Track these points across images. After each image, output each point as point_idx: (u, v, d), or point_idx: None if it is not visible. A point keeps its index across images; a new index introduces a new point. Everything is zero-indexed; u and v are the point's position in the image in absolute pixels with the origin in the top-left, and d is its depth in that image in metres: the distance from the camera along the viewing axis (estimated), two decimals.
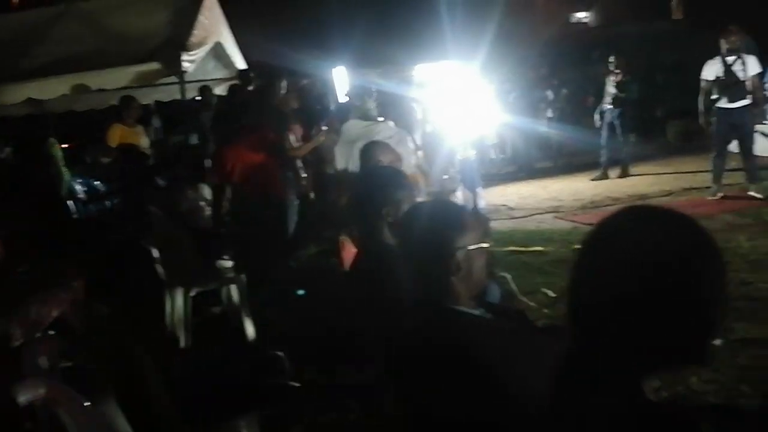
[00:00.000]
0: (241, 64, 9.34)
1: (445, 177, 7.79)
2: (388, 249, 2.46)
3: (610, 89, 10.02)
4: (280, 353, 3.06)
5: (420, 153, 9.24)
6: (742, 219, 6.79)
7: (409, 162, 5.99)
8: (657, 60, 15.00)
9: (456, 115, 8.80)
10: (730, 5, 17.34)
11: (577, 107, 12.79)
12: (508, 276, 5.32)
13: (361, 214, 2.76)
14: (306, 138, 6.77)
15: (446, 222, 2.01)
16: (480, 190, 8.19)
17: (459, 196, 8.40)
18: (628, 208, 1.30)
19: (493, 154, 12.48)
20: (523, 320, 2.37)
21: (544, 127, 11.84)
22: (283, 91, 6.70)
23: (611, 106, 10.00)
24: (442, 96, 9.79)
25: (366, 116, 5.82)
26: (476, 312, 2.05)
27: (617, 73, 9.97)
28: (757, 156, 7.96)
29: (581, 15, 29.63)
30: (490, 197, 9.11)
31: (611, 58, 10.10)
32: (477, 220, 4.31)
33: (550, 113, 12.20)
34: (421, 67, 15.59)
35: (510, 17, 21.24)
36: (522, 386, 1.71)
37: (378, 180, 2.79)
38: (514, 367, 1.81)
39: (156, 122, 9.92)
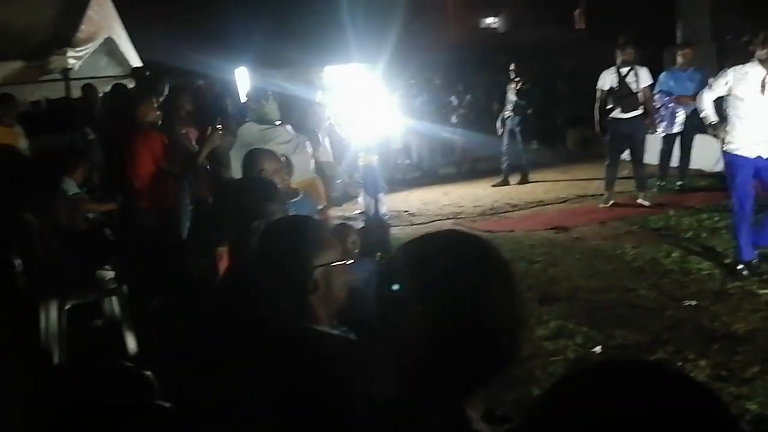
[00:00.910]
0: (136, 61, 8.99)
1: (340, 182, 7.76)
2: (253, 263, 2.35)
3: (511, 97, 10.21)
4: (147, 372, 2.89)
5: (329, 157, 9.22)
6: (629, 226, 7.03)
7: (308, 168, 5.90)
8: (559, 68, 15.45)
9: (360, 120, 8.76)
10: (629, 17, 18.12)
11: (482, 113, 12.99)
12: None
13: (230, 226, 2.64)
14: (201, 141, 6.55)
15: (302, 240, 1.93)
16: (382, 196, 8.17)
17: (360, 202, 8.38)
18: (428, 235, 1.30)
19: (398, 159, 12.51)
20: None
21: (448, 133, 11.96)
22: (165, 93, 6.45)
23: (512, 114, 10.18)
24: (348, 100, 9.75)
25: (263, 120, 5.67)
26: (335, 331, 1.98)
27: (518, 81, 10.16)
28: (647, 165, 8.28)
29: (490, 20, 30.28)
30: (393, 203, 9.12)
31: (512, 66, 10.29)
32: (342, 234, 4.25)
33: (454, 119, 12.32)
34: (328, 69, 15.51)
35: (418, 21, 21.49)
36: (375, 407, 1.65)
37: (249, 191, 2.68)
38: (369, 386, 1.75)
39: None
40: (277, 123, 5.66)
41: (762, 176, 5.08)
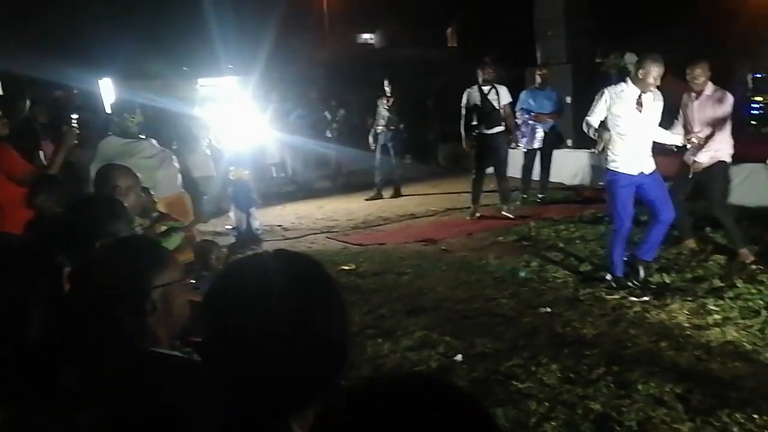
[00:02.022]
0: None
1: (206, 197, 7.61)
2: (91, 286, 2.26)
3: (383, 112, 10.41)
4: None
5: (208, 172, 9.00)
6: (494, 237, 7.32)
7: (174, 183, 5.74)
8: (432, 85, 15.87)
9: (233, 133, 8.64)
10: (497, 37, 18.93)
11: (357, 128, 13.14)
12: None
13: (71, 246, 2.52)
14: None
15: (139, 260, 1.88)
16: (254, 211, 8.09)
17: (231, 217, 8.25)
18: (255, 256, 1.32)
19: (272, 173, 12.43)
20: None
21: (323, 148, 12.02)
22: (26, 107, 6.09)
23: (384, 129, 10.37)
24: (221, 113, 9.59)
25: (125, 133, 5.46)
26: (176, 353, 1.94)
27: (390, 97, 10.37)
28: (510, 178, 8.66)
29: (366, 37, 30.71)
30: (267, 217, 9.05)
31: (385, 82, 10.49)
32: (205, 250, 4.19)
33: (328, 134, 12.40)
34: (201, 82, 15.18)
35: (295, 36, 21.47)
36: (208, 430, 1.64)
37: (92, 209, 2.57)
38: (204, 410, 1.72)
39: None
40: (142, 137, 5.48)
41: (643, 192, 5.16)
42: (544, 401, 3.52)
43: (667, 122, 5.59)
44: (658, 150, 5.39)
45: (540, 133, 8.98)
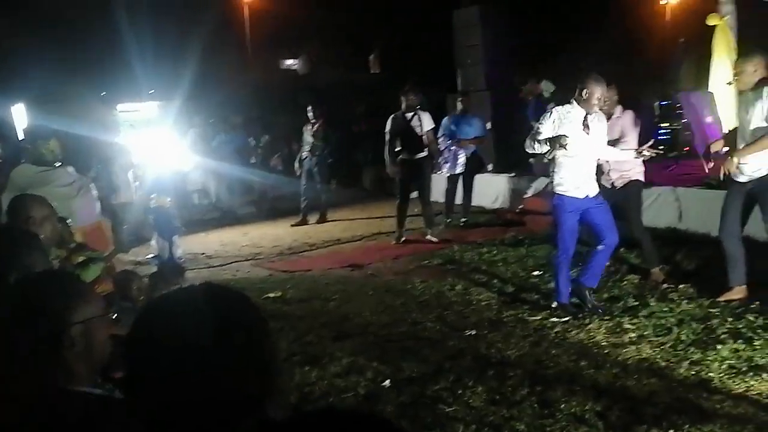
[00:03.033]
0: None
1: (126, 226, 7.42)
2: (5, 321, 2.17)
3: (308, 138, 10.42)
4: None
5: (129, 198, 8.75)
6: (419, 261, 7.41)
7: (93, 212, 5.57)
8: (356, 110, 16.04)
9: (154, 160, 8.47)
10: (419, 64, 19.30)
11: (282, 153, 13.11)
12: None
13: None
14: None
15: (56, 294, 1.82)
16: (177, 239, 7.92)
17: (153, 245, 8.05)
18: (182, 289, 1.32)
19: (196, 199, 12.22)
20: None
21: (247, 173, 11.92)
22: None
23: (309, 154, 10.38)
24: (141, 139, 9.39)
25: (40, 161, 5.28)
26: (96, 391, 1.88)
27: (314, 123, 10.40)
28: (434, 203, 8.80)
29: (290, 62, 30.73)
30: (190, 245, 8.87)
31: (309, 108, 10.51)
32: (126, 282, 4.09)
33: (252, 159, 12.31)
34: (121, 107, 14.83)
35: (218, 61, 21.29)
36: None
37: (4, 242, 2.48)
38: None
39: None
40: (57, 164, 5.31)
41: (589, 217, 5.12)
42: (471, 424, 3.57)
43: None
44: None
45: (462, 159, 9.18)
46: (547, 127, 5.07)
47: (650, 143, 5.32)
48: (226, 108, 14.84)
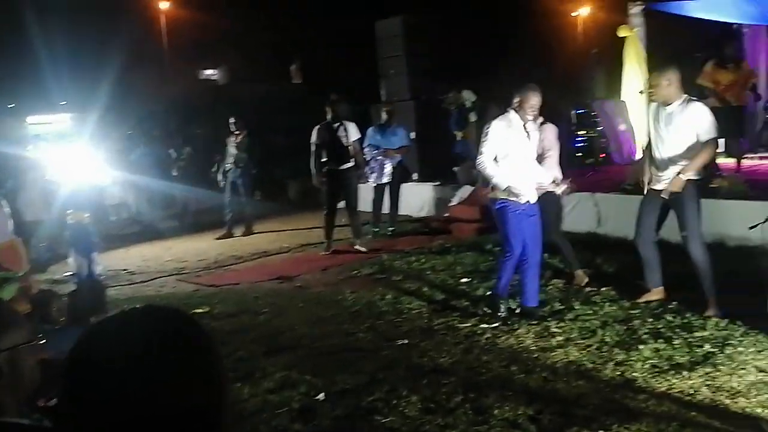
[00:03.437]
0: None
1: (43, 245, 7.13)
2: None
3: (232, 150, 10.26)
4: None
5: (39, 215, 8.38)
6: (349, 272, 7.41)
7: (5, 230, 5.31)
8: (279, 121, 15.90)
9: (70, 174, 8.15)
10: (342, 74, 19.36)
11: (204, 166, 12.84)
12: None
13: None
14: None
15: None
16: (95, 255, 7.63)
17: (71, 263, 7.74)
18: (122, 313, 1.28)
19: (115, 214, 11.83)
20: None
21: (169, 186, 11.62)
22: None
23: (233, 166, 10.22)
24: (56, 152, 9.03)
25: None
26: (24, 421, 1.79)
27: (238, 134, 10.26)
28: (361, 213, 8.83)
29: (209, 72, 30.22)
30: (110, 261, 8.58)
31: (232, 120, 10.36)
32: (44, 303, 3.95)
33: (174, 171, 12.01)
34: (32, 119, 14.27)
35: (136, 71, 20.73)
36: None
37: None
38: None
39: None
40: None
41: (525, 224, 5.16)
42: None
43: None
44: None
45: (388, 168, 9.25)
46: (490, 145, 5.12)
47: (569, 181, 5.61)
48: (145, 120, 14.47)
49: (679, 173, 4.98)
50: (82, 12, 20.81)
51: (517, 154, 5.14)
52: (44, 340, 2.08)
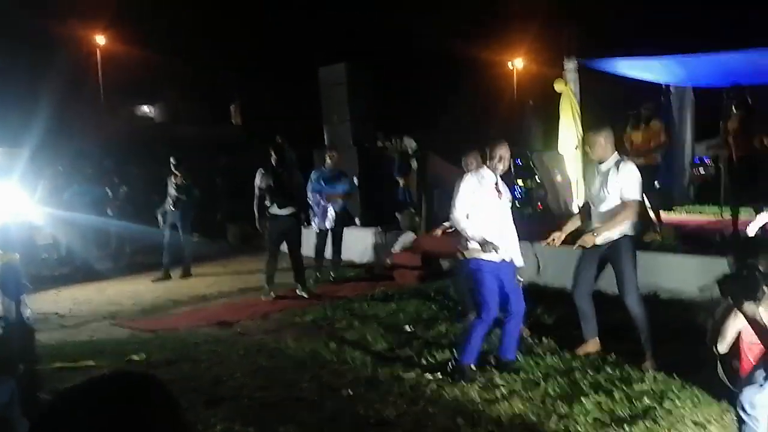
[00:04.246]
0: None
1: None
2: None
3: (172, 191, 10.09)
4: None
5: None
6: (291, 318, 7.32)
7: None
8: (217, 162, 15.76)
9: None
10: (284, 117, 19.39)
11: (140, 205, 12.57)
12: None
13: None
14: None
15: None
16: (24, 298, 7.31)
17: None
18: (87, 382, 1.25)
19: (44, 253, 11.41)
20: None
21: (103, 225, 11.30)
22: None
23: (173, 208, 10.03)
24: None
25: None
26: None
27: (177, 175, 10.10)
28: (304, 257, 8.77)
29: (146, 109, 29.78)
30: (39, 304, 8.20)
31: (172, 160, 10.20)
32: None
33: (109, 211, 11.70)
34: None
35: (70, 107, 20.29)
36: None
37: None
38: None
39: None
40: None
41: (503, 280, 5.07)
42: None
43: None
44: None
45: (331, 213, 9.26)
46: (465, 198, 5.08)
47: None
48: (79, 157, 14.08)
49: (592, 231, 5.15)
50: (14, 43, 20.32)
51: (490, 210, 5.08)
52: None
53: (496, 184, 5.15)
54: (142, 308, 8.29)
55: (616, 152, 5.32)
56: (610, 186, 5.18)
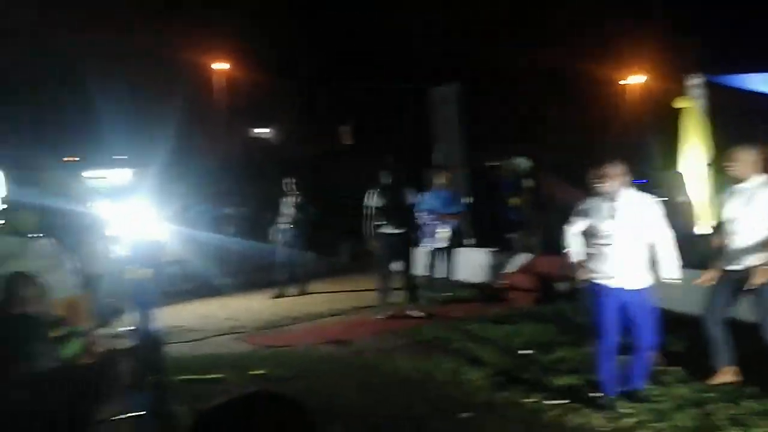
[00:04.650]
0: None
1: (110, 300, 7.22)
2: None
3: (286, 209, 10.37)
4: None
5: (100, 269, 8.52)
6: (403, 338, 7.31)
7: (68, 285, 5.39)
8: (330, 182, 16.09)
9: (130, 229, 8.33)
10: (393, 137, 19.62)
11: (256, 224, 13.03)
12: (182, 409, 4.92)
13: None
14: None
15: (81, 393, 1.74)
16: (155, 311, 7.71)
17: (131, 318, 7.82)
18: (233, 401, 1.27)
19: (171, 269, 12.00)
20: None
21: (224, 244, 11.79)
22: None
23: (289, 226, 10.31)
24: (116, 207, 9.26)
25: (17, 232, 5.16)
26: None
27: (293, 194, 10.38)
28: (416, 277, 8.78)
29: (262, 131, 30.93)
30: (166, 317, 8.63)
31: (288, 180, 10.50)
32: (114, 363, 3.94)
33: (230, 229, 12.20)
34: (91, 173, 14.71)
35: (192, 129, 21.37)
36: None
37: (10, 330, 2.37)
38: None
39: None
40: (34, 235, 5.18)
41: (626, 311, 4.83)
42: None
43: None
44: None
45: (443, 233, 9.22)
46: (577, 218, 4.98)
47: None
48: (201, 177, 14.81)
49: (763, 264, 4.81)
50: (143, 70, 21.64)
51: (606, 233, 4.84)
52: (141, 412, 2.08)
53: (611, 206, 4.84)
54: (261, 324, 8.53)
55: (763, 173, 4.98)
56: (754, 207, 4.87)
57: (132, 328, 7.70)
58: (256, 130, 30.67)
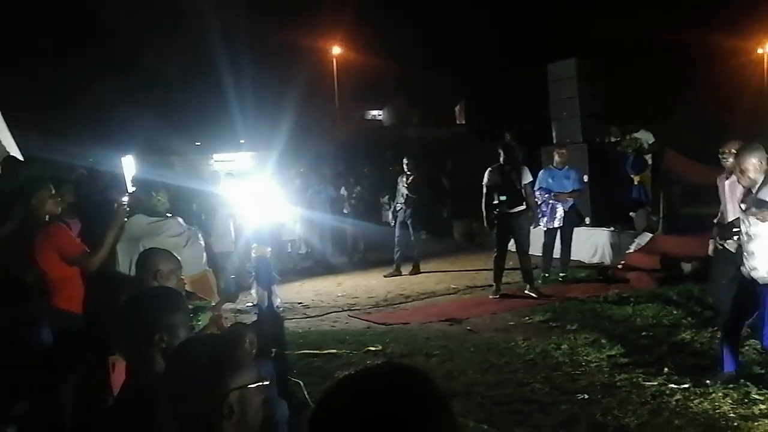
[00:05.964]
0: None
1: (234, 277, 7.58)
2: (158, 384, 2.20)
3: (403, 190, 10.47)
4: None
5: (226, 247, 8.97)
6: (519, 318, 7.23)
7: (200, 262, 5.70)
8: (443, 162, 16.06)
9: (253, 209, 8.67)
10: (507, 116, 19.29)
11: (371, 205, 13.25)
12: (301, 383, 5.12)
13: (128, 340, 2.47)
14: (85, 235, 6.15)
15: (217, 360, 1.83)
16: (275, 288, 8.03)
17: (253, 294, 8.19)
18: (359, 373, 1.27)
19: (289, 248, 12.44)
20: None
21: (339, 223, 12.07)
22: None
23: (404, 206, 10.42)
24: (240, 188, 9.65)
25: (152, 211, 5.46)
26: None
27: (409, 175, 10.46)
28: (532, 257, 8.62)
29: (375, 113, 31.30)
30: (286, 294, 8.98)
31: (405, 160, 10.59)
32: (238, 335, 4.11)
33: (345, 209, 12.46)
34: (216, 157, 15.39)
35: (308, 112, 21.92)
36: None
37: (149, 302, 2.53)
38: None
39: None
40: (168, 215, 5.47)
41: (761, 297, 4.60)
42: None
43: None
44: None
45: (560, 212, 9.00)
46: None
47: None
48: (317, 159, 15.18)
49: None
50: (264, 57, 22.35)
51: (741, 224, 4.64)
52: (268, 381, 2.17)
53: (745, 194, 4.60)
54: (375, 302, 8.69)
55: None
56: None
57: (253, 303, 8.08)
58: (370, 112, 31.04)
